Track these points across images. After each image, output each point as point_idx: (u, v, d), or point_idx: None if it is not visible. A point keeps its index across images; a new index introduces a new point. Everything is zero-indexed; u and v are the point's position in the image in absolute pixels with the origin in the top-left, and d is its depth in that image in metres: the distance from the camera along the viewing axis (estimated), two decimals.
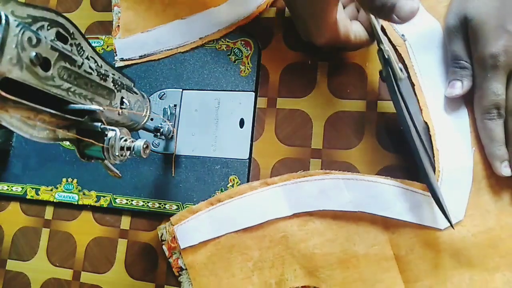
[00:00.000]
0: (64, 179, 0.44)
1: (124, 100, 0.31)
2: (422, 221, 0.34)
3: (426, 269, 0.34)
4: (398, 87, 0.33)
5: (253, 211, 0.37)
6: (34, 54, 0.21)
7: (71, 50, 0.26)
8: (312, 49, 0.40)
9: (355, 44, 0.36)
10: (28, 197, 0.44)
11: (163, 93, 0.43)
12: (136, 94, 0.33)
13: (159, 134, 0.40)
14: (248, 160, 0.39)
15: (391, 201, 0.34)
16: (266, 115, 0.40)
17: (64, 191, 0.43)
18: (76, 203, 0.43)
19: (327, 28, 0.34)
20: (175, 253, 0.39)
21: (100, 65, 0.29)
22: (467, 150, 0.35)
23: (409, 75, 0.36)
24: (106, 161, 0.28)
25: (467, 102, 0.35)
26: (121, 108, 0.30)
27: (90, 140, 0.27)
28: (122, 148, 0.28)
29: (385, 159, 0.37)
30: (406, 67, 0.37)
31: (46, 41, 0.22)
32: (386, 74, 0.34)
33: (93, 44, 0.38)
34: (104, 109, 0.27)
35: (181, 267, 0.38)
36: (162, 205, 0.40)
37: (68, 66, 0.24)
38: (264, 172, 0.39)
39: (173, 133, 0.41)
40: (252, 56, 0.41)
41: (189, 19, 0.43)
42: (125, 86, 0.31)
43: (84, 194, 0.43)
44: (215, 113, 0.41)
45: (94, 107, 0.27)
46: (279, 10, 0.42)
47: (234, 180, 0.39)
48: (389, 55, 0.33)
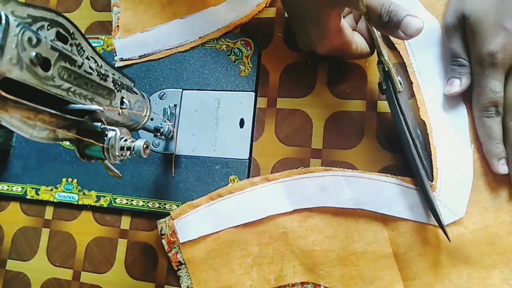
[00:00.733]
0: (64, 179, 0.44)
1: (124, 100, 0.31)
2: (421, 219, 0.34)
3: (425, 266, 0.34)
4: (397, 100, 0.33)
5: (254, 206, 0.37)
6: (34, 54, 0.21)
7: (71, 50, 0.26)
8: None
9: (356, 55, 0.36)
10: (28, 197, 0.44)
11: (163, 93, 0.43)
12: (136, 94, 0.33)
13: (159, 134, 0.40)
14: (248, 160, 0.39)
15: (391, 199, 0.35)
16: (266, 115, 0.40)
17: (64, 191, 0.43)
18: (76, 203, 0.43)
19: (330, 37, 0.34)
20: (174, 248, 0.39)
21: (100, 65, 0.29)
22: (466, 147, 0.35)
23: (408, 74, 0.37)
24: (106, 161, 0.28)
25: (466, 99, 0.35)
26: (121, 108, 0.30)
27: (90, 140, 0.27)
28: (122, 148, 0.28)
29: (385, 159, 0.37)
30: (404, 65, 0.37)
31: (46, 41, 0.22)
32: (386, 87, 0.34)
33: (93, 44, 0.38)
34: (104, 109, 0.27)
35: (180, 261, 0.38)
36: (162, 205, 0.40)
37: (68, 66, 0.24)
38: (264, 172, 0.39)
39: (173, 133, 0.41)
40: (252, 56, 0.41)
41: (188, 19, 0.43)
42: (125, 86, 0.31)
43: (84, 194, 0.43)
44: (215, 113, 0.41)
45: (94, 107, 0.27)
46: (279, 10, 0.42)
47: (234, 180, 0.39)
48: (389, 67, 0.33)
